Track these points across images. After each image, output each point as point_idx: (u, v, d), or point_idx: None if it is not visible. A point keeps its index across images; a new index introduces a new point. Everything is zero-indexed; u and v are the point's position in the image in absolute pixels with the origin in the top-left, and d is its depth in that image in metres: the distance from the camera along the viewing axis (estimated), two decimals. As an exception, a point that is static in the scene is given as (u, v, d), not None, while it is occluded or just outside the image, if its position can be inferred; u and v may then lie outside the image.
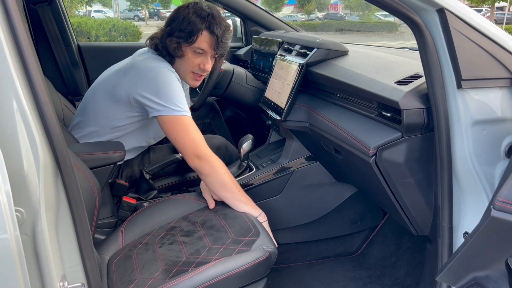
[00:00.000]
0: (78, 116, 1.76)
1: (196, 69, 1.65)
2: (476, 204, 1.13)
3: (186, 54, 1.62)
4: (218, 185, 1.49)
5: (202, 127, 2.32)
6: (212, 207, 1.52)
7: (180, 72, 1.67)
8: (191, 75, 1.68)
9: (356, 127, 1.42)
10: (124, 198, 1.62)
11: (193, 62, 1.63)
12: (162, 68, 1.56)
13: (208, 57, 1.64)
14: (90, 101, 1.72)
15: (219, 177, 1.49)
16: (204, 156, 1.48)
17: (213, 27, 1.59)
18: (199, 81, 1.72)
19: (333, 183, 1.86)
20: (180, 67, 1.66)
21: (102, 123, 1.67)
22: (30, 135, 0.75)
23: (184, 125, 1.50)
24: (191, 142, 1.49)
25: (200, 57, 1.63)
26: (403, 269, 1.78)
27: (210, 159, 1.49)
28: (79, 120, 1.73)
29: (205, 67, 1.65)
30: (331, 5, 32.48)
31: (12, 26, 0.74)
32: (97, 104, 1.68)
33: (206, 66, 1.65)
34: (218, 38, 1.60)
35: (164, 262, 1.23)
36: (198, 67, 1.65)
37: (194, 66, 1.64)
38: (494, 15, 19.21)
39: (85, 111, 1.73)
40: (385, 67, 1.46)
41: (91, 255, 0.89)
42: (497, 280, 0.95)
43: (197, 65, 1.64)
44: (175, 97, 1.51)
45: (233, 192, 1.50)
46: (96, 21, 12.07)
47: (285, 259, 1.92)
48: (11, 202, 0.70)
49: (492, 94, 1.11)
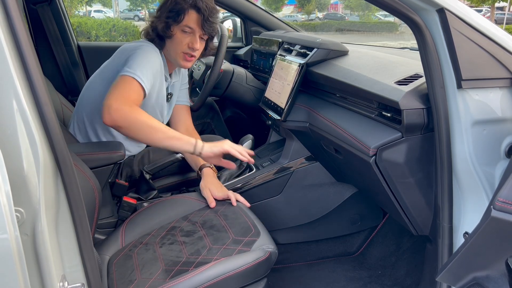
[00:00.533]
0: (75, 111, 1.81)
1: (186, 48, 1.68)
2: (476, 204, 1.13)
3: (175, 33, 1.66)
4: (146, 131, 1.45)
5: (202, 127, 2.32)
6: (213, 206, 1.52)
7: (171, 54, 1.71)
8: (182, 55, 1.70)
9: (356, 127, 1.42)
10: (124, 198, 1.62)
11: (182, 42, 1.67)
12: (144, 45, 1.64)
13: (196, 36, 1.67)
14: (85, 92, 1.78)
15: (142, 122, 1.44)
16: (117, 107, 1.42)
17: (199, 5, 1.63)
18: (191, 62, 1.74)
19: (333, 183, 1.86)
20: (171, 48, 1.70)
21: (94, 109, 1.70)
22: (30, 135, 0.75)
23: (124, 82, 1.50)
24: (116, 94, 1.46)
25: (189, 36, 1.67)
26: (403, 269, 1.78)
27: (124, 109, 1.43)
28: (74, 114, 1.78)
29: (193, 46, 1.67)
30: (331, 5, 32.48)
31: (12, 26, 0.74)
32: (91, 92, 1.73)
33: (195, 44, 1.67)
34: (204, 16, 1.63)
35: (164, 262, 1.23)
36: (187, 46, 1.68)
37: (184, 45, 1.67)
38: (494, 15, 19.21)
39: (81, 102, 1.78)
40: (385, 67, 1.46)
41: (91, 255, 0.89)
42: (497, 280, 0.95)
43: (186, 44, 1.67)
44: (138, 65, 1.54)
45: (164, 131, 1.48)
46: (96, 21, 12.06)
47: (285, 259, 1.92)
48: (11, 202, 0.70)
49: (492, 94, 1.11)
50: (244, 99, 2.20)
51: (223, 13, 3.14)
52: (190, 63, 1.74)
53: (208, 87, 2.01)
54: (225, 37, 2.00)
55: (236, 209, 1.48)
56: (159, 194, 1.78)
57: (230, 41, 2.83)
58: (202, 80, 2.16)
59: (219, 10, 1.90)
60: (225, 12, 2.80)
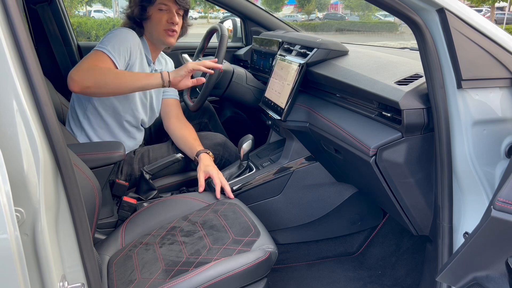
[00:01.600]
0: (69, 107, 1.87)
1: (166, 24, 1.76)
2: (476, 204, 1.13)
3: (151, 14, 1.74)
4: (113, 79, 1.53)
5: (199, 127, 2.32)
6: (201, 190, 1.60)
7: (153, 34, 1.78)
8: (164, 32, 1.77)
9: (356, 127, 1.41)
10: (124, 198, 1.62)
11: (161, 20, 1.75)
12: (118, 28, 1.72)
13: (173, 11, 1.76)
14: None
15: (105, 71, 1.53)
16: (80, 71, 1.50)
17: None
18: (174, 37, 1.81)
19: (333, 183, 1.86)
20: (152, 30, 1.77)
21: (83, 97, 1.76)
22: (30, 135, 0.75)
23: (92, 54, 1.59)
24: (81, 63, 1.54)
25: (166, 13, 1.75)
26: (403, 269, 1.78)
27: (87, 70, 1.51)
28: (70, 110, 1.84)
29: (172, 20, 1.75)
30: (331, 5, 32.46)
31: (12, 26, 0.74)
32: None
33: (174, 19, 1.76)
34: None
35: (164, 262, 1.23)
36: (167, 22, 1.75)
37: (163, 23, 1.75)
38: (494, 15, 19.21)
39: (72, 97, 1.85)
40: (385, 67, 1.46)
41: (91, 255, 0.89)
42: (497, 280, 0.95)
43: (165, 21, 1.75)
44: (109, 40, 1.62)
45: (130, 74, 1.59)
46: (96, 21, 12.07)
47: (285, 259, 1.92)
48: (11, 202, 0.70)
49: (492, 94, 1.11)
50: (244, 99, 2.20)
51: (223, 13, 3.14)
52: (174, 38, 1.81)
53: (208, 87, 2.00)
54: (225, 37, 2.00)
55: (236, 209, 1.48)
56: (159, 194, 1.78)
57: (230, 41, 2.83)
58: (202, 80, 2.15)
59: (219, 9, 1.96)
60: (225, 12, 2.80)
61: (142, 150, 1.89)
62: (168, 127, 1.95)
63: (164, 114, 1.98)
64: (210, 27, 2.30)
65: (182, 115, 1.99)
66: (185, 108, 2.11)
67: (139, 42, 1.73)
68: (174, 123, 1.93)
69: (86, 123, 1.77)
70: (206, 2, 2.45)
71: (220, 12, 16.65)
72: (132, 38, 1.69)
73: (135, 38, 1.71)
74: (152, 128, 2.22)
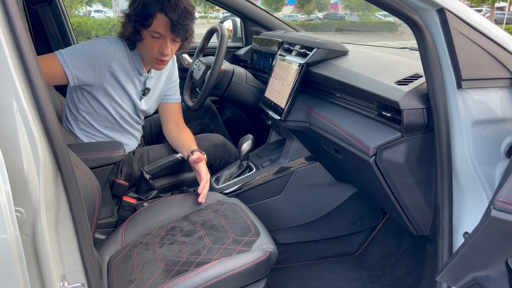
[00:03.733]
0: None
1: (157, 54, 1.62)
2: (476, 204, 1.13)
3: (144, 38, 1.60)
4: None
5: (201, 127, 2.32)
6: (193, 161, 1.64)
7: (143, 56, 1.69)
8: (154, 60, 1.65)
9: (356, 127, 1.41)
10: (124, 198, 1.62)
11: (153, 47, 1.60)
12: (97, 39, 1.67)
13: (167, 41, 1.60)
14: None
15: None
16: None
17: (167, 10, 1.53)
18: (164, 65, 1.69)
19: (333, 183, 1.86)
20: (142, 51, 1.67)
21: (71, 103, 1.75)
22: (30, 135, 0.75)
23: (45, 56, 1.56)
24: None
25: (158, 41, 1.59)
26: (403, 269, 1.78)
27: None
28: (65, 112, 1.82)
29: (163, 51, 1.61)
30: (331, 5, 32.45)
31: (12, 26, 0.73)
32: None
33: (165, 50, 1.60)
34: (173, 20, 1.54)
35: (164, 262, 1.23)
36: (158, 52, 1.61)
37: (154, 51, 1.61)
38: (494, 15, 19.21)
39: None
40: (385, 67, 1.46)
41: (91, 255, 0.89)
42: (497, 280, 0.95)
43: (157, 50, 1.61)
44: (73, 48, 1.60)
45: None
46: (96, 21, 12.07)
47: (285, 259, 1.92)
48: (11, 202, 0.70)
49: (492, 94, 1.11)
50: (244, 99, 2.20)
51: (223, 13, 3.14)
52: (164, 65, 1.70)
53: (208, 87, 2.01)
54: (225, 37, 2.00)
55: (236, 209, 1.48)
56: (159, 194, 1.78)
57: (230, 41, 2.83)
58: (202, 80, 2.15)
59: (219, 9, 1.89)
60: (225, 12, 2.80)
61: (141, 150, 1.89)
62: (165, 132, 1.94)
63: (163, 118, 1.96)
64: (210, 27, 2.30)
65: (181, 121, 1.96)
66: (185, 109, 2.11)
67: (113, 54, 1.62)
68: (172, 129, 1.91)
69: (80, 131, 1.76)
70: (206, 2, 2.44)
71: (220, 12, 16.66)
72: (104, 51, 1.60)
73: (111, 50, 1.62)
74: (152, 128, 2.22)
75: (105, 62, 1.61)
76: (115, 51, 1.63)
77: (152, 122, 2.22)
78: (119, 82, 1.68)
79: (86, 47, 1.62)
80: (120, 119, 1.77)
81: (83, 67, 1.57)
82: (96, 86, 1.64)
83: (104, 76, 1.63)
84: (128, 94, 1.73)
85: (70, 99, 1.74)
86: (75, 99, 1.72)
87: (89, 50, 1.60)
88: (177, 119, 1.95)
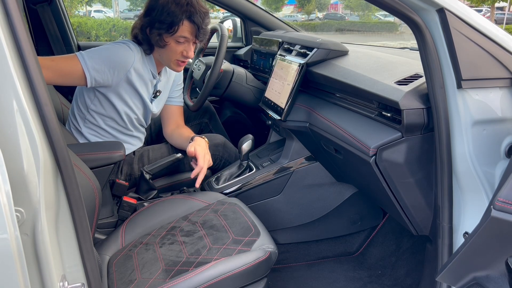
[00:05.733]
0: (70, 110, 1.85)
1: (180, 56, 1.70)
2: (476, 204, 1.13)
3: (169, 43, 1.66)
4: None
5: (200, 127, 2.32)
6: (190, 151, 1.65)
7: (163, 59, 1.73)
8: (175, 62, 1.73)
9: (356, 127, 1.42)
10: (124, 198, 1.62)
11: (176, 51, 1.68)
12: (115, 43, 1.69)
13: (190, 44, 1.69)
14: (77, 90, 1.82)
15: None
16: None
17: (193, 16, 1.62)
18: (183, 66, 1.77)
19: (333, 183, 1.86)
20: (163, 56, 1.72)
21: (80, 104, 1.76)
22: (30, 135, 0.75)
23: (65, 55, 1.61)
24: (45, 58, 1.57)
25: (183, 45, 1.68)
26: (403, 269, 1.78)
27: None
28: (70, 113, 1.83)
29: (188, 54, 1.70)
30: (331, 5, 32.43)
31: (12, 26, 0.73)
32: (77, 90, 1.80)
33: (189, 53, 1.70)
34: (199, 26, 1.64)
35: (164, 262, 1.23)
36: (181, 55, 1.70)
37: (178, 54, 1.69)
38: (494, 15, 19.20)
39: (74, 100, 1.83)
40: (385, 67, 1.46)
41: (91, 255, 0.89)
42: (497, 280, 0.95)
43: (180, 52, 1.69)
44: (94, 51, 1.61)
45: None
46: (96, 21, 12.06)
47: (285, 259, 1.92)
48: (11, 202, 0.70)
49: (492, 94, 1.11)
50: (244, 99, 2.21)
51: (223, 13, 3.14)
52: (182, 67, 1.77)
53: (208, 87, 2.01)
54: (225, 37, 2.00)
55: (236, 209, 1.48)
56: (159, 194, 1.78)
57: (230, 41, 2.83)
58: (202, 80, 2.16)
59: (219, 9, 1.93)
60: (225, 12, 2.80)
61: (141, 150, 1.89)
62: (165, 133, 1.96)
63: (164, 119, 1.97)
64: (210, 27, 2.30)
65: (182, 123, 1.99)
66: (185, 108, 2.11)
67: (133, 59, 1.65)
68: (173, 130, 1.93)
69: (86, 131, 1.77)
70: (206, 2, 2.45)
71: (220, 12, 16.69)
72: (123, 55, 1.64)
73: (130, 55, 1.65)
74: (152, 128, 2.22)
75: (125, 68, 1.65)
76: (134, 57, 1.67)
77: (152, 122, 2.22)
78: (134, 87, 1.71)
79: (108, 51, 1.64)
80: (129, 122, 1.80)
81: (102, 71, 1.60)
82: (112, 89, 1.68)
83: (121, 80, 1.66)
84: (141, 97, 1.76)
85: (81, 98, 1.75)
86: (86, 99, 1.73)
87: (111, 55, 1.63)
88: (178, 121, 1.97)
